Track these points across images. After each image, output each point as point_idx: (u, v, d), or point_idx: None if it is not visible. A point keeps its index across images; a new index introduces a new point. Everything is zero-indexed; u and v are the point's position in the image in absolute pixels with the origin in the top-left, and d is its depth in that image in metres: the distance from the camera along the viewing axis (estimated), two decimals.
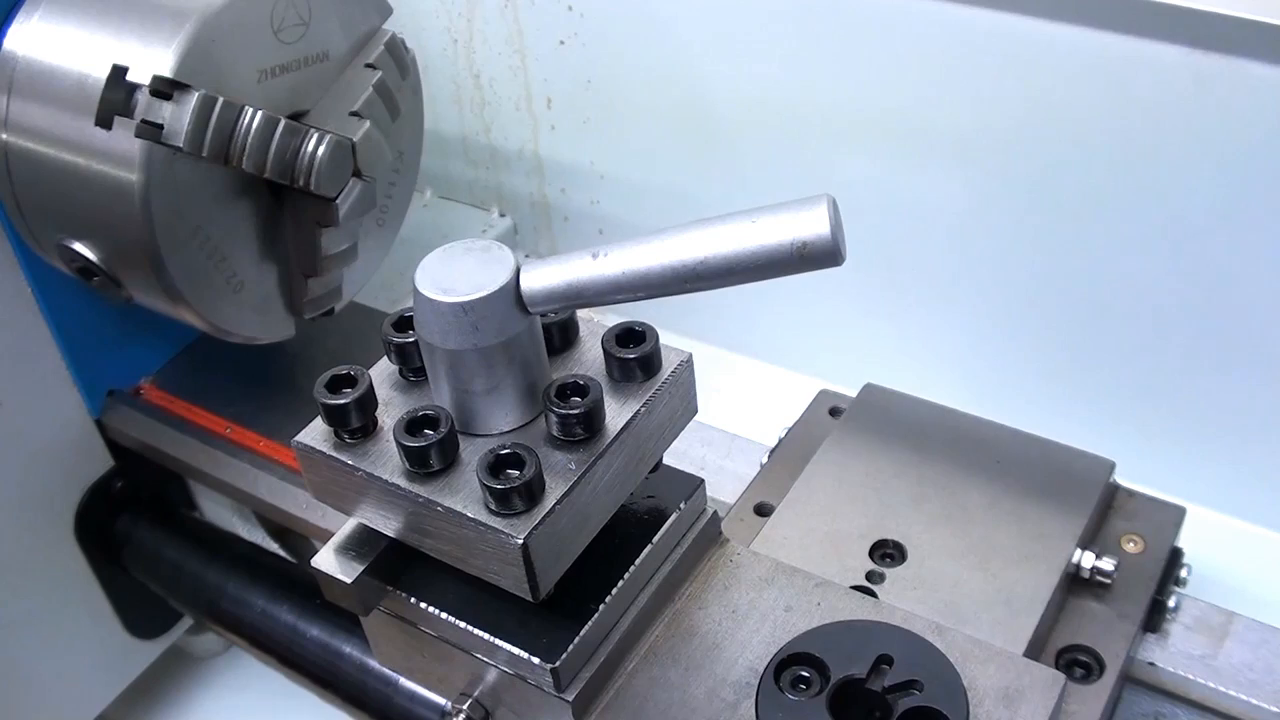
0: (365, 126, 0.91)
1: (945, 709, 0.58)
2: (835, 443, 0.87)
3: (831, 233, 0.49)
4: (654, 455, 0.62)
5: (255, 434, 1.08)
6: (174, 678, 1.36)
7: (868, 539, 0.80)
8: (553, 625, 0.60)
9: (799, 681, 0.61)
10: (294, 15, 0.92)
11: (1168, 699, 0.82)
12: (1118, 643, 0.77)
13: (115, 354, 1.12)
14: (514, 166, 1.35)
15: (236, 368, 1.14)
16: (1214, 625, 0.82)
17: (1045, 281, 1.02)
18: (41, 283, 1.02)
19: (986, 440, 0.86)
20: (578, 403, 0.56)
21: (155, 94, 0.83)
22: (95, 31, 0.88)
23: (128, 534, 1.17)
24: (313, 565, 0.62)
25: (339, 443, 0.59)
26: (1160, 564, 0.81)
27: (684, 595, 0.66)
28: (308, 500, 0.96)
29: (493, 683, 0.63)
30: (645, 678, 0.63)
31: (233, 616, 1.09)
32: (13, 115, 0.91)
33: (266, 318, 1.01)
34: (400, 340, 0.60)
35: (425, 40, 1.29)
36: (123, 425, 1.12)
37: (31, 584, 1.12)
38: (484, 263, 0.55)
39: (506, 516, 0.54)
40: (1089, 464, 0.83)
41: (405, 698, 0.96)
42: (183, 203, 0.89)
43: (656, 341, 0.60)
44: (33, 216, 0.95)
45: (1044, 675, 0.60)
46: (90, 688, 1.22)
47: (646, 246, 0.52)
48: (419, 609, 0.62)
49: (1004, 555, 0.78)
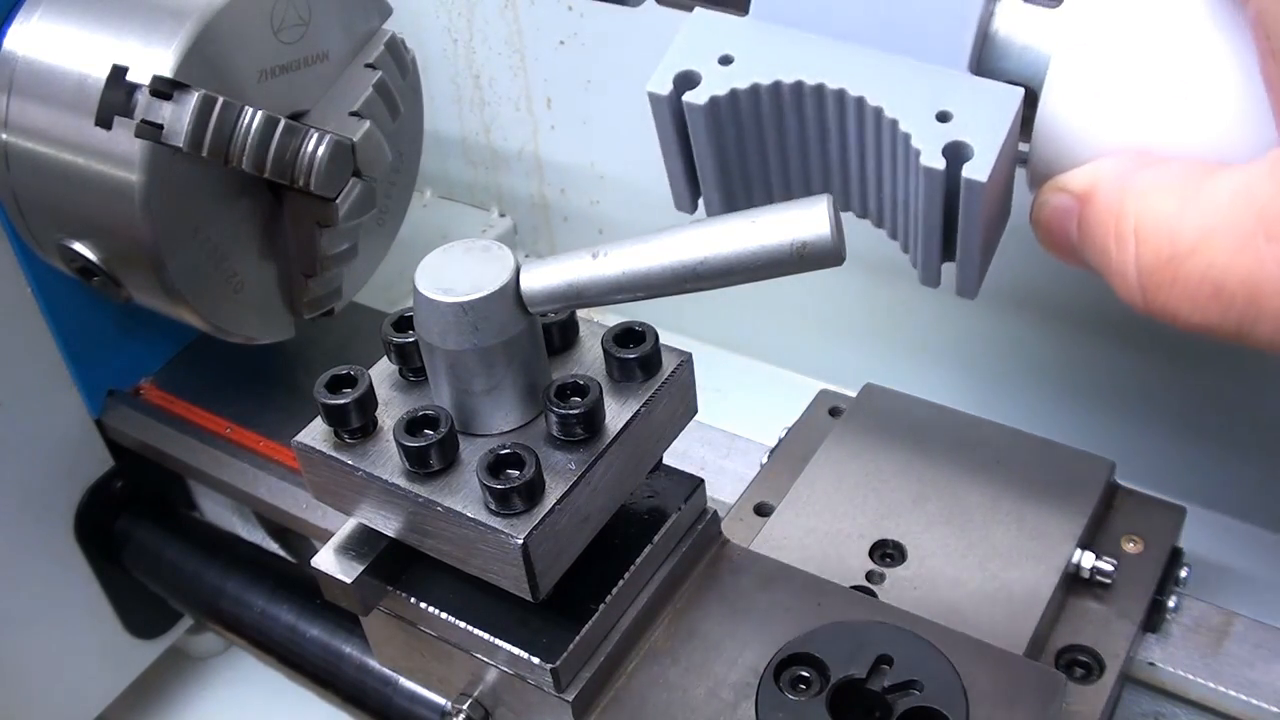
0: (365, 126, 0.91)
1: (945, 709, 0.58)
2: (835, 443, 0.87)
3: (831, 233, 0.49)
4: (654, 455, 0.63)
5: (255, 434, 1.08)
6: (174, 678, 1.36)
7: (868, 539, 0.80)
8: (553, 625, 0.60)
9: (799, 682, 0.61)
10: (294, 15, 0.92)
11: (1168, 699, 0.82)
12: (1118, 643, 0.77)
13: (115, 354, 1.12)
14: (514, 166, 1.35)
15: (236, 368, 1.14)
16: (1214, 625, 0.82)
17: (1045, 281, 1.02)
18: (41, 283, 1.02)
19: (986, 440, 0.86)
20: (578, 403, 0.56)
21: (155, 94, 0.83)
22: (95, 31, 0.88)
23: (128, 534, 1.17)
24: (313, 565, 0.62)
25: (339, 443, 0.59)
26: (1160, 564, 0.81)
27: (684, 595, 0.66)
28: (308, 500, 0.96)
29: (493, 683, 0.63)
30: (645, 678, 0.63)
31: (233, 616, 1.09)
32: (13, 115, 0.91)
33: (266, 318, 1.01)
34: (400, 340, 0.60)
35: (425, 40, 1.29)
36: (123, 425, 1.12)
37: (31, 584, 1.12)
38: (484, 263, 0.55)
39: (506, 516, 0.55)
40: (1089, 464, 0.83)
41: (405, 698, 0.96)
42: (183, 203, 0.89)
43: (656, 341, 0.60)
44: (33, 216, 0.95)
45: (1044, 675, 0.60)
46: (90, 688, 1.22)
47: (646, 246, 0.52)
48: (419, 609, 0.62)
49: (1004, 555, 0.78)
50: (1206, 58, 0.51)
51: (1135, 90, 0.53)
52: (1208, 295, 0.46)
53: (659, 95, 0.57)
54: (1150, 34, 0.52)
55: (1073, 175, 0.53)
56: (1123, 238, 0.49)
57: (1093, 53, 0.53)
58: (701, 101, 0.56)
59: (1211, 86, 0.51)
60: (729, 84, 0.56)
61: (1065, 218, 0.53)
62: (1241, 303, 0.45)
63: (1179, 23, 0.52)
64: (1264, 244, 0.44)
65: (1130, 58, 0.53)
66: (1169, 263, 0.47)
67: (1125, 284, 0.50)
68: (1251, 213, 0.45)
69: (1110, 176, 0.51)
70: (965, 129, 0.52)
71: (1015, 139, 0.55)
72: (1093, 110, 0.54)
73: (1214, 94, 0.51)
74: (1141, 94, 0.52)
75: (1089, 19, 0.54)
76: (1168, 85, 0.52)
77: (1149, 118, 0.52)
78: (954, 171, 0.52)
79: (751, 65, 0.56)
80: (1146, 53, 0.52)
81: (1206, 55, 0.51)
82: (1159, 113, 0.52)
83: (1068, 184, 0.53)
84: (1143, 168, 0.50)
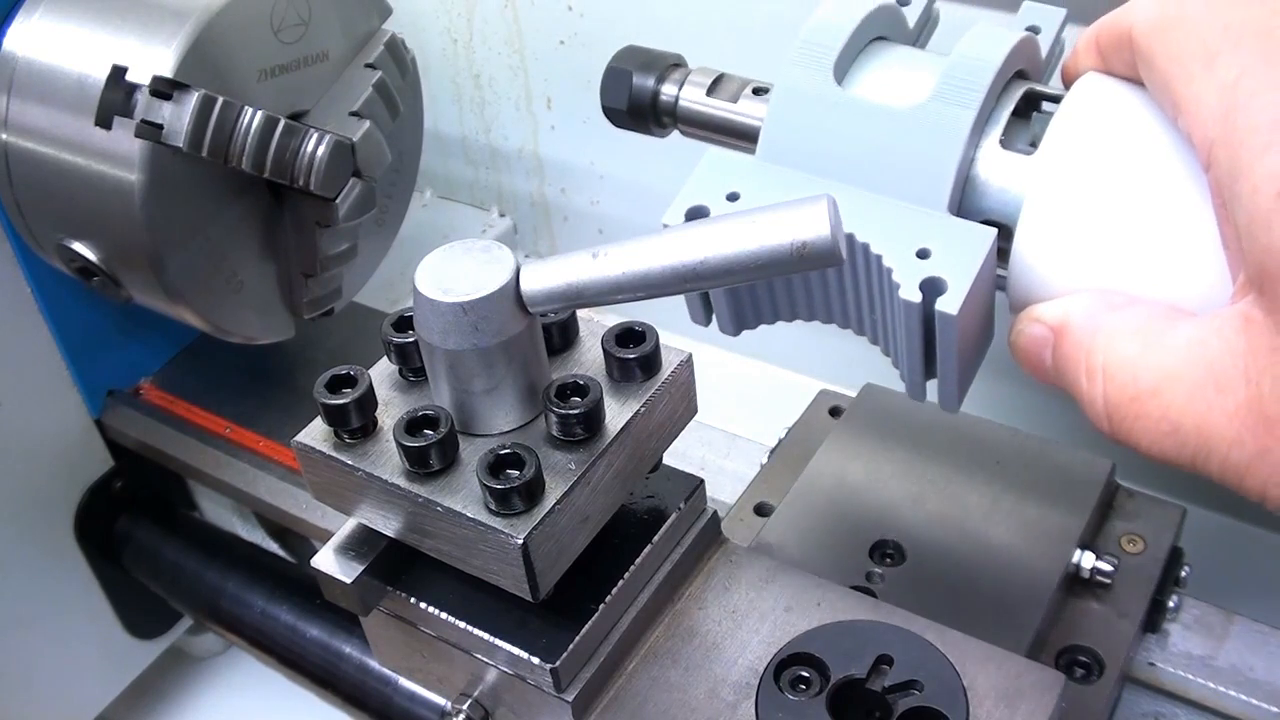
0: (365, 126, 0.91)
1: (945, 709, 0.58)
2: (835, 443, 0.87)
3: (831, 233, 0.49)
4: (654, 455, 0.63)
5: (255, 434, 1.08)
6: (174, 678, 1.37)
7: (868, 539, 0.80)
8: (553, 625, 0.60)
9: (799, 681, 0.61)
10: (294, 15, 0.92)
11: (1168, 699, 0.82)
12: (1118, 643, 0.77)
13: (115, 354, 1.12)
14: (514, 166, 1.35)
15: (236, 368, 1.14)
16: (1214, 625, 0.82)
17: None
18: (41, 283, 1.02)
19: (986, 440, 0.86)
20: (578, 403, 0.56)
21: (155, 94, 0.83)
22: (95, 31, 0.88)
23: (128, 534, 1.17)
24: (313, 565, 0.62)
25: (339, 443, 0.59)
26: (1160, 564, 0.81)
27: (684, 595, 0.66)
28: (308, 500, 0.96)
29: (492, 683, 0.63)
30: (645, 678, 0.63)
31: (232, 616, 1.09)
32: (13, 115, 0.91)
33: (266, 318, 1.01)
34: (400, 340, 0.60)
35: (425, 40, 1.29)
36: (123, 425, 1.12)
37: (31, 584, 1.12)
38: (484, 263, 0.55)
39: (506, 516, 0.54)
40: (1089, 464, 0.83)
41: (405, 698, 0.96)
42: (183, 203, 0.89)
43: (656, 341, 0.60)
44: (33, 216, 0.95)
45: (1044, 675, 0.60)
46: (90, 688, 1.22)
47: (646, 246, 0.52)
48: (419, 609, 0.62)
49: (1004, 555, 0.78)
50: (1170, 214, 0.56)
51: (1102, 236, 0.57)
52: (1165, 432, 0.52)
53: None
54: (1118, 187, 0.57)
55: (1047, 308, 0.58)
56: (1092, 373, 0.55)
57: (1063, 198, 0.58)
58: None
59: (1173, 242, 0.56)
60: None
61: (1040, 346, 0.59)
62: (1194, 442, 0.51)
63: (1146, 179, 0.56)
64: (1214, 394, 0.49)
65: (1098, 207, 0.57)
66: (1133, 401, 0.53)
67: (1095, 413, 0.55)
68: (1203, 365, 0.50)
69: (1081, 314, 0.57)
70: (941, 266, 0.58)
71: (991, 272, 0.60)
72: (1061, 251, 0.59)
73: (1175, 249, 0.56)
74: (1108, 241, 0.57)
75: (1061, 166, 0.58)
76: (1132, 236, 0.57)
77: (1115, 263, 0.57)
78: (929, 304, 0.58)
79: (755, 201, 0.62)
80: (1114, 204, 0.57)
81: (1170, 212, 0.56)
82: (1124, 259, 0.57)
83: (1042, 315, 0.58)
84: (1110, 310, 0.56)
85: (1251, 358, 0.48)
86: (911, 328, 0.59)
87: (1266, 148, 0.47)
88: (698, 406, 0.64)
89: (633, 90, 0.71)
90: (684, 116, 0.71)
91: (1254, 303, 0.49)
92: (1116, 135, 0.58)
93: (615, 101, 0.73)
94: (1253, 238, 0.48)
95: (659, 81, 0.71)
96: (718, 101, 0.69)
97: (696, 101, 0.70)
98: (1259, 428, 0.48)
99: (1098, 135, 0.58)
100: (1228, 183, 0.50)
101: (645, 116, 0.72)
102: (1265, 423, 0.48)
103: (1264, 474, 0.49)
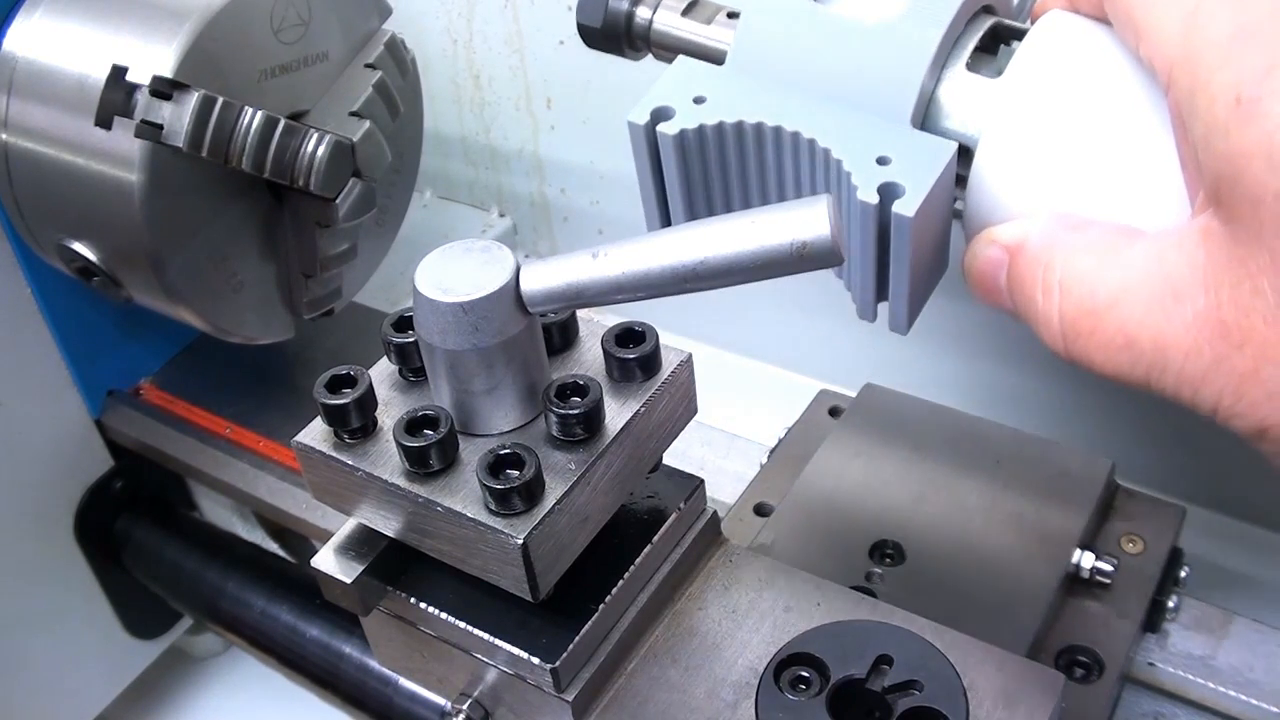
0: (365, 126, 0.91)
1: (945, 709, 0.58)
2: (835, 443, 0.87)
3: (831, 233, 0.49)
4: (654, 455, 0.63)
5: (255, 434, 1.08)
6: (174, 678, 1.37)
7: (867, 539, 0.80)
8: (553, 625, 0.60)
9: (799, 681, 0.61)
10: (294, 15, 0.92)
11: (1167, 699, 0.82)
12: (1118, 643, 0.77)
13: (115, 354, 1.12)
14: (514, 166, 1.35)
15: (236, 368, 1.14)
16: (1214, 625, 0.82)
17: None
18: (41, 283, 1.02)
19: (986, 440, 0.86)
20: (578, 403, 0.56)
21: (155, 94, 0.83)
22: (95, 31, 0.88)
23: (128, 534, 1.17)
24: (313, 565, 0.62)
25: (339, 443, 0.59)
26: (1160, 564, 0.81)
27: (684, 595, 0.66)
28: (308, 500, 0.96)
29: (492, 683, 0.63)
30: (645, 678, 0.63)
31: (232, 616, 1.09)
32: (13, 115, 0.91)
33: (266, 318, 1.01)
34: (400, 340, 0.60)
35: (425, 40, 1.29)
36: (122, 425, 1.12)
37: (31, 584, 1.12)
38: (484, 263, 0.55)
39: (506, 516, 0.54)
40: (1089, 464, 0.83)
41: (405, 698, 0.96)
42: (183, 203, 0.89)
43: (656, 341, 0.60)
44: (33, 216, 0.95)
45: (1044, 675, 0.60)
46: (90, 688, 1.22)
47: (646, 246, 0.52)
48: (419, 609, 0.62)
49: (1004, 555, 0.78)
50: (1130, 137, 0.56)
51: (1062, 159, 0.58)
52: (1120, 346, 0.52)
53: (636, 125, 0.64)
54: (1079, 109, 0.58)
55: (1004, 229, 0.58)
56: (1049, 289, 0.55)
57: (1024, 121, 0.59)
58: (672, 133, 0.63)
59: (1132, 164, 0.56)
60: (698, 120, 0.63)
61: (995, 268, 0.58)
62: (1149, 356, 0.51)
63: (1107, 102, 0.57)
64: (1171, 304, 0.49)
65: (1059, 128, 0.58)
66: (1089, 315, 0.53)
67: (1049, 331, 0.55)
68: (1161, 277, 0.50)
69: (1039, 233, 0.56)
70: (900, 172, 0.58)
71: (948, 188, 0.60)
72: (1021, 172, 0.59)
73: (1134, 171, 0.56)
74: (1068, 163, 0.58)
75: (1024, 90, 0.59)
76: (1092, 157, 0.57)
77: (1074, 184, 0.58)
78: (886, 207, 0.58)
79: (720, 106, 0.63)
80: (1074, 125, 0.58)
81: (1130, 135, 0.56)
82: (1083, 181, 0.57)
83: (998, 237, 0.58)
84: (1068, 229, 0.55)
85: (1210, 267, 0.48)
86: (866, 233, 0.59)
87: (1224, 61, 0.47)
88: (698, 406, 0.64)
89: (608, 8, 0.71)
90: (657, 39, 0.71)
91: (1213, 215, 0.49)
92: (1079, 61, 0.59)
93: (590, 19, 0.72)
94: (1209, 148, 0.48)
95: (634, 3, 0.71)
96: (692, 24, 0.69)
97: (670, 25, 0.70)
98: (1215, 336, 0.48)
99: (1061, 60, 0.59)
100: (1186, 100, 0.50)
101: (619, 38, 0.72)
102: (1222, 330, 0.48)
103: (1219, 384, 0.49)
